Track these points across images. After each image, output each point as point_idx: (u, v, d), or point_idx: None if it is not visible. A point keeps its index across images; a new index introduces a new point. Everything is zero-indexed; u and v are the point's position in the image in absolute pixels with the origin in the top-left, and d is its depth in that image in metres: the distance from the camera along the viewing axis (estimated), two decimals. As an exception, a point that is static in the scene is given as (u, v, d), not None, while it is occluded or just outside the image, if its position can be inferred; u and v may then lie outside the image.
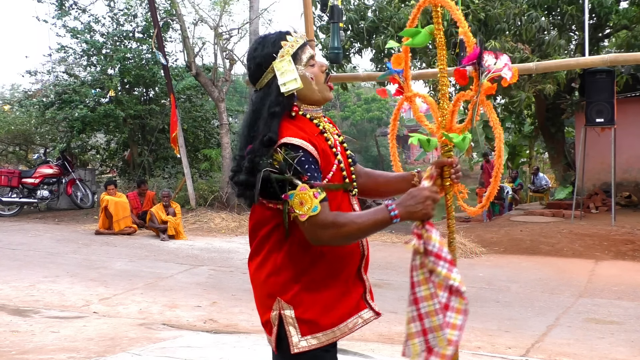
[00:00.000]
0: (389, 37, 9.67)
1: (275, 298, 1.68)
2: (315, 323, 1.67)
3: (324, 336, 1.68)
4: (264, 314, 1.72)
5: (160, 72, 13.04)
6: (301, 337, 1.66)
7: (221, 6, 12.57)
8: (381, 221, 1.64)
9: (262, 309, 1.73)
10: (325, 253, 1.69)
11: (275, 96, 1.67)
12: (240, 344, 4.04)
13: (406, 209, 1.65)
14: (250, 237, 1.78)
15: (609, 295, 5.82)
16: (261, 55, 1.70)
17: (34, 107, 13.59)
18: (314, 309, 1.67)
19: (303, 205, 1.58)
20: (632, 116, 10.84)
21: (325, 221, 1.59)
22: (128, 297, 5.50)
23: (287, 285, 1.68)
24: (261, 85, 1.71)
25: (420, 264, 1.69)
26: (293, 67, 1.69)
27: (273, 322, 1.68)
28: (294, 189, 1.59)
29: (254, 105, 1.71)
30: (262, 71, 1.70)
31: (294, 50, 1.71)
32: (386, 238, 9.71)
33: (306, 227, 1.59)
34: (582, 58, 7.21)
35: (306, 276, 1.68)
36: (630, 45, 10.15)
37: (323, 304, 1.69)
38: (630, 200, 11.10)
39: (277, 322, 1.67)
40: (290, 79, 1.67)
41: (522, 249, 8.13)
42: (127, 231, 9.50)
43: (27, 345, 3.86)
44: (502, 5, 9.14)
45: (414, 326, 1.68)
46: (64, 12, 13.44)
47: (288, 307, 1.66)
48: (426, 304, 1.67)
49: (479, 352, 3.95)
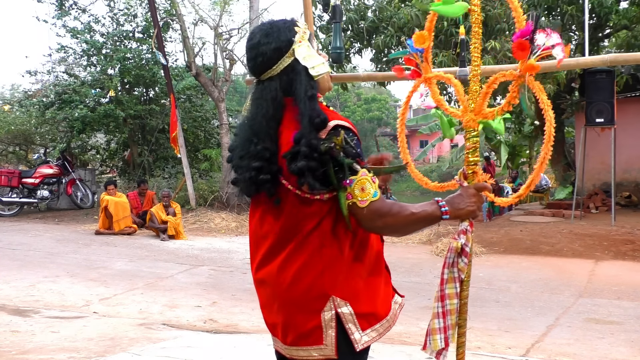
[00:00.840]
0: (389, 37, 9.67)
1: (328, 297, 1.56)
2: (373, 315, 1.61)
3: (381, 327, 1.63)
4: (310, 320, 1.57)
5: (160, 72, 13.05)
6: (362, 332, 1.58)
7: (221, 6, 12.57)
8: (431, 215, 1.60)
9: (305, 315, 1.57)
10: (367, 242, 1.64)
11: (307, 80, 1.58)
12: (240, 344, 4.04)
13: (454, 206, 1.64)
14: (278, 241, 1.60)
15: (609, 295, 5.82)
16: (279, 40, 1.59)
17: (34, 107, 13.59)
18: (369, 301, 1.60)
19: (364, 191, 1.51)
20: (632, 116, 10.84)
21: (384, 208, 1.53)
22: (128, 297, 5.50)
23: (340, 281, 1.57)
24: (276, 71, 1.60)
25: (453, 263, 1.72)
26: (314, 52, 1.65)
27: (327, 325, 1.56)
28: (354, 175, 1.51)
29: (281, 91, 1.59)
30: (280, 56, 1.59)
31: (307, 37, 1.66)
32: (386, 238, 9.72)
33: (364, 214, 1.52)
34: (582, 58, 7.20)
35: (355, 269, 1.60)
36: (630, 45, 10.16)
37: (374, 295, 1.63)
38: (630, 200, 11.10)
39: (334, 323, 1.56)
40: (319, 63, 1.63)
41: (522, 249, 8.13)
42: (127, 231, 9.51)
43: (27, 345, 3.86)
44: (502, 5, 9.14)
45: (437, 322, 1.71)
46: (64, 12, 13.44)
47: (344, 303, 1.56)
48: (449, 302, 1.71)
49: (479, 352, 3.94)
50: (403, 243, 9.24)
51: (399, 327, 4.59)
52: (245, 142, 1.60)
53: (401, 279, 6.46)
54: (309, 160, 1.48)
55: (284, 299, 1.60)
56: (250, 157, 1.57)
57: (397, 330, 4.47)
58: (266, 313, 1.69)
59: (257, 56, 1.61)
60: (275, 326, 1.66)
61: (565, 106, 12.23)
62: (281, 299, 1.60)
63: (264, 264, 1.64)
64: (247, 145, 1.59)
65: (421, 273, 6.88)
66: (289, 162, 1.52)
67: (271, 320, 1.67)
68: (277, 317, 1.63)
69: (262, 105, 1.59)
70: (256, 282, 1.69)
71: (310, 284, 1.56)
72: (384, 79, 8.36)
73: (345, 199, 1.53)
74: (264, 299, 1.68)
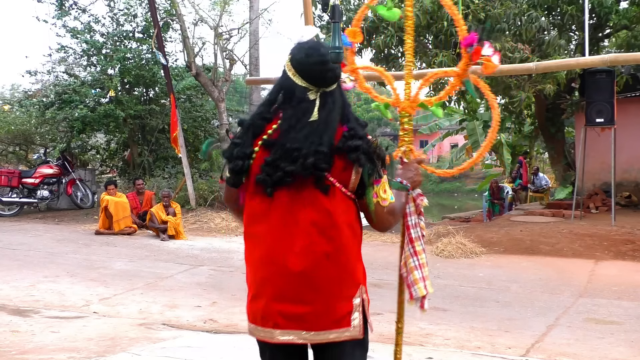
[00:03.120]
0: (389, 37, 9.66)
1: (359, 286, 1.78)
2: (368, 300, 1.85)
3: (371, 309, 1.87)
4: (345, 307, 1.76)
5: (160, 72, 13.04)
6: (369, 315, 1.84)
7: (221, 6, 12.58)
8: (406, 197, 1.92)
9: (342, 302, 1.76)
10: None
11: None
12: (240, 344, 4.04)
13: (409, 179, 1.93)
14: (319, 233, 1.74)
15: (609, 295, 5.82)
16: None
17: (34, 107, 13.58)
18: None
19: (386, 193, 1.78)
20: (632, 116, 10.84)
21: (396, 209, 1.83)
22: (128, 297, 5.50)
23: (362, 270, 1.83)
24: (336, 84, 1.87)
25: (415, 224, 2.04)
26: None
27: (356, 309, 1.76)
28: (381, 176, 1.79)
29: (341, 98, 1.85)
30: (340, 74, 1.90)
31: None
32: (386, 238, 9.71)
33: (383, 214, 1.79)
34: (582, 58, 7.21)
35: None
36: (630, 45, 10.15)
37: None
38: (630, 200, 11.10)
39: (361, 308, 1.78)
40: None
41: (522, 249, 8.12)
42: (127, 231, 9.50)
43: (27, 345, 3.86)
44: (502, 5, 9.14)
45: (417, 273, 2.02)
46: (64, 12, 13.43)
47: (365, 290, 1.82)
48: (420, 257, 2.04)
49: (479, 352, 3.95)
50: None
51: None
52: (311, 137, 1.74)
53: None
54: (367, 154, 1.75)
55: (326, 284, 1.74)
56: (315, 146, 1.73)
57: (397, 330, 4.47)
58: (288, 302, 1.75)
59: (329, 71, 1.82)
60: (297, 317, 1.74)
61: (565, 106, 12.22)
62: (323, 284, 1.74)
63: (310, 249, 1.74)
64: (315, 139, 1.73)
65: (421, 273, 6.88)
66: (347, 144, 1.75)
67: (294, 310, 1.74)
68: (306, 306, 1.74)
69: (332, 109, 1.80)
70: (286, 273, 1.75)
71: (350, 273, 1.78)
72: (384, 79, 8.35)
73: (372, 196, 1.78)
74: (296, 288, 1.75)
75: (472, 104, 14.95)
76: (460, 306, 5.35)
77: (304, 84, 1.80)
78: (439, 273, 6.86)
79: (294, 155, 1.71)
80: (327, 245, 1.73)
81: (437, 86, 10.90)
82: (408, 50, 2.06)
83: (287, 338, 1.76)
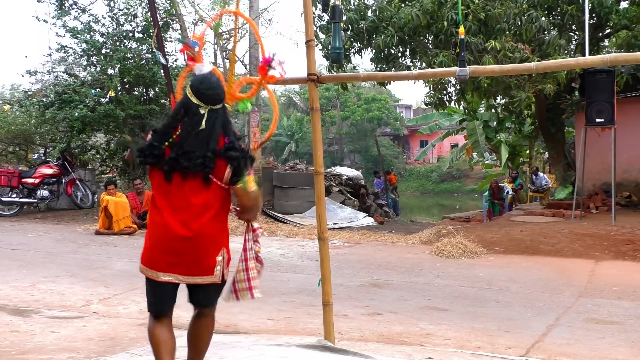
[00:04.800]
0: (389, 37, 9.66)
1: (221, 248, 2.64)
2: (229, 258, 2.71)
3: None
4: (210, 262, 2.60)
5: (160, 72, 13.04)
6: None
7: (221, 6, 12.57)
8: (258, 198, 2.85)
9: (210, 257, 2.60)
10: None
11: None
12: (240, 344, 4.04)
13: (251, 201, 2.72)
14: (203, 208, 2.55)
15: (609, 295, 5.82)
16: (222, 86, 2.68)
17: (34, 107, 13.57)
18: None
19: (251, 182, 2.61)
20: (632, 116, 10.84)
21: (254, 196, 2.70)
22: (128, 297, 5.50)
23: (226, 237, 2.70)
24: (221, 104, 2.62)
25: (251, 248, 2.83)
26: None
27: (219, 264, 2.63)
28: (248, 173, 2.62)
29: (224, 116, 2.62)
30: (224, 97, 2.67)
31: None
32: (386, 238, 9.71)
33: (251, 195, 2.64)
34: (582, 58, 7.19)
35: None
36: (630, 45, 10.14)
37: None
38: (630, 200, 11.10)
39: (223, 264, 2.65)
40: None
41: (522, 249, 8.12)
42: (127, 231, 9.50)
43: (27, 345, 3.85)
44: (502, 5, 9.13)
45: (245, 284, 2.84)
46: (64, 12, 13.42)
47: (226, 251, 2.68)
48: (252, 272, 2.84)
49: (479, 352, 3.94)
50: (403, 243, 9.24)
51: (399, 327, 4.59)
52: (201, 142, 2.51)
53: (401, 279, 6.46)
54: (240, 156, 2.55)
55: (202, 246, 2.56)
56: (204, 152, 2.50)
57: (397, 330, 4.47)
58: (171, 256, 2.56)
59: (215, 95, 2.58)
60: (178, 264, 2.57)
61: (565, 106, 12.22)
62: (200, 246, 2.56)
63: (193, 221, 2.54)
64: (203, 145, 2.50)
65: (421, 273, 6.87)
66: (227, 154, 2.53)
67: (176, 260, 2.56)
68: (185, 258, 2.56)
69: (217, 123, 2.56)
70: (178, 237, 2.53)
71: (219, 238, 2.63)
72: (384, 79, 8.35)
73: (246, 184, 2.57)
74: (179, 246, 2.54)
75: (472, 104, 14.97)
76: (460, 306, 5.35)
77: (197, 102, 2.55)
78: (439, 273, 6.86)
79: (189, 155, 2.48)
80: (203, 219, 2.54)
81: (437, 86, 10.92)
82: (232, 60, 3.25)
83: (167, 278, 2.60)
